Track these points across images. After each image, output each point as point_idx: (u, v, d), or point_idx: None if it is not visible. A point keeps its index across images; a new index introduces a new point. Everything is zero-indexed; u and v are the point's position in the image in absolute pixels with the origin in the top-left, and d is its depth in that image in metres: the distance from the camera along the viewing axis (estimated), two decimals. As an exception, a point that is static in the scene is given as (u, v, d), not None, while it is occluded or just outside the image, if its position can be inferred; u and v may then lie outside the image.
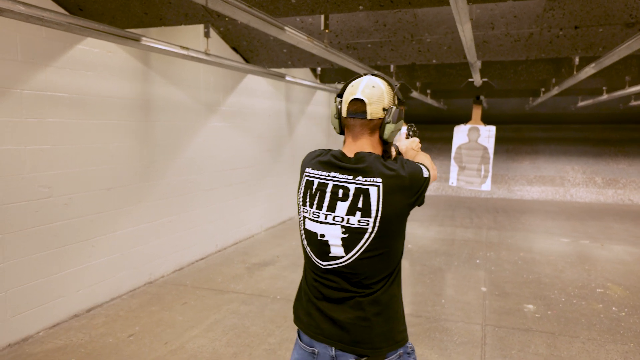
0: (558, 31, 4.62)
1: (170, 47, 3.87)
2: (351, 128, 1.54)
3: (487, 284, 4.69)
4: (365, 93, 1.49)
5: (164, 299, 4.30)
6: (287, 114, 7.35)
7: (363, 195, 1.46)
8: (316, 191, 1.53)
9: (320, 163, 1.54)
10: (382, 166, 1.48)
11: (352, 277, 1.49)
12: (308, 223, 1.55)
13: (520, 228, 7.32)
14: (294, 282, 4.71)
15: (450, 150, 6.48)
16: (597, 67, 4.73)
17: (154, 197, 4.69)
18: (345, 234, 1.48)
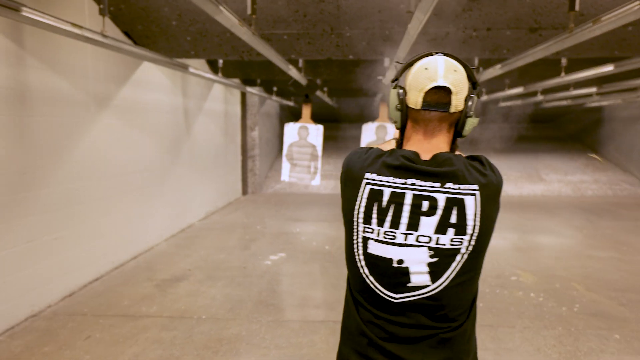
0: (472, 32, 4.78)
1: (58, 23, 3.12)
2: (424, 123, 1.22)
3: (415, 281, 4.69)
4: (449, 79, 1.18)
5: (58, 334, 3.49)
6: (185, 110, 6.67)
7: (457, 208, 1.16)
8: (389, 204, 1.19)
9: (389, 167, 1.20)
10: (474, 170, 1.19)
11: (436, 310, 1.19)
12: (374, 246, 1.21)
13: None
14: (216, 298, 4.21)
15: (349, 148, 6.58)
16: (504, 68, 5.01)
17: (33, 211, 3.79)
18: (433, 258, 1.17)
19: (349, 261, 1.28)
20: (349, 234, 1.26)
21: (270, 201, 9.37)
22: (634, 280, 4.77)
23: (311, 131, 6.46)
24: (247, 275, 4.84)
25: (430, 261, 1.18)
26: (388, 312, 1.22)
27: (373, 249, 1.21)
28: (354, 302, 1.29)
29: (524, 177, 11.31)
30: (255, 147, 9.55)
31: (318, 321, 3.74)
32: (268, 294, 4.32)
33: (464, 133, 1.25)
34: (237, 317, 3.82)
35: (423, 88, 1.19)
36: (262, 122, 10.02)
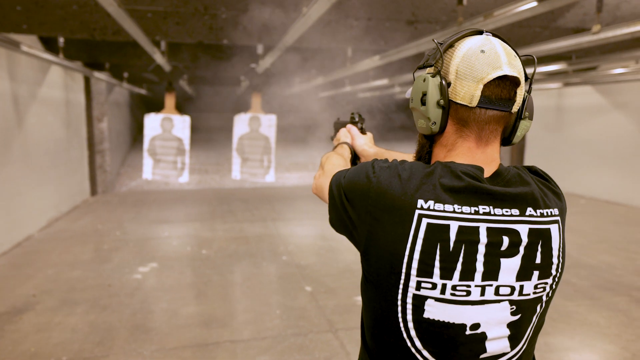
0: (354, 21, 4.64)
1: None
2: (478, 126, 0.90)
3: (307, 281, 4.45)
4: (514, 67, 0.88)
5: None
6: (14, 98, 5.42)
7: (542, 242, 0.87)
8: (458, 245, 0.84)
9: (451, 189, 0.85)
10: (546, 188, 0.92)
11: None
12: (435, 308, 0.86)
13: (302, 216, 7.40)
14: (77, 330, 3.43)
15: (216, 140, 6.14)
16: (382, 60, 5.01)
17: None
18: (515, 315, 0.87)
19: (382, 328, 0.91)
20: (385, 290, 0.89)
21: (127, 201, 8.30)
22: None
23: (176, 123, 5.88)
24: (114, 294, 4.09)
25: (512, 320, 0.88)
26: None
27: (433, 312, 0.86)
28: None
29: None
30: (105, 140, 8.35)
31: (212, 343, 3.27)
32: (145, 316, 3.68)
33: (515, 140, 0.96)
34: (110, 353, 3.14)
35: (483, 78, 0.86)
36: (112, 112, 8.81)
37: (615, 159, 8.58)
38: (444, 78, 0.90)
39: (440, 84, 0.90)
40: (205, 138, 11.37)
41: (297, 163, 11.05)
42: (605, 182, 8.80)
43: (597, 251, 5.49)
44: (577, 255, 5.28)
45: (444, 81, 0.90)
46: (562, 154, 9.88)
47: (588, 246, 5.69)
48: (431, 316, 0.86)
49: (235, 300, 4.06)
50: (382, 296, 0.89)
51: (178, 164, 5.99)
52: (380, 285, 0.89)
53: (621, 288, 4.31)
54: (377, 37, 4.91)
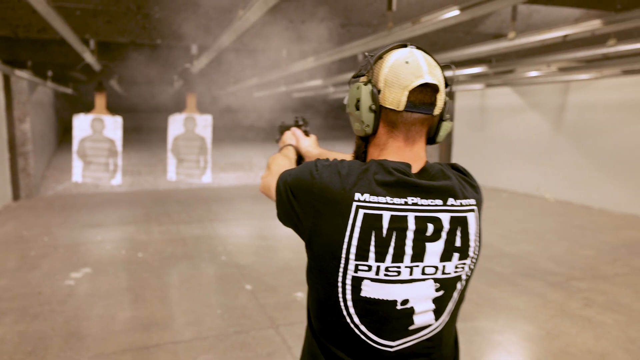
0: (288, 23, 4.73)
1: None
2: (405, 127, 1.03)
3: (247, 280, 4.50)
4: (435, 75, 1.01)
5: None
6: None
7: (461, 228, 1.01)
8: (389, 232, 0.97)
9: (383, 184, 0.98)
10: (465, 181, 1.06)
11: (433, 352, 1.04)
12: (370, 287, 0.98)
13: (240, 216, 7.39)
14: (6, 341, 3.29)
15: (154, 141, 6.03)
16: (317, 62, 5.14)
17: None
18: (439, 291, 1.01)
19: (326, 309, 1.02)
20: (327, 275, 1.00)
21: (55, 206, 7.89)
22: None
23: (107, 123, 5.71)
24: (45, 302, 3.94)
25: (436, 295, 1.01)
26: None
27: (370, 290, 0.98)
28: (328, 357, 1.04)
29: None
30: (27, 142, 7.88)
31: (153, 345, 3.25)
32: (79, 323, 3.58)
33: (439, 139, 1.10)
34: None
35: (408, 85, 0.99)
36: (35, 113, 8.32)
37: (532, 155, 9.30)
38: (374, 86, 1.03)
39: (372, 91, 1.02)
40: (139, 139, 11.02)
41: (234, 163, 10.99)
42: (524, 176, 9.51)
43: (517, 241, 5.95)
44: (499, 246, 5.70)
45: (374, 89, 1.02)
46: (485, 151, 10.55)
47: (510, 237, 6.16)
48: (367, 295, 0.99)
49: (174, 302, 4.04)
50: (324, 280, 1.00)
51: (110, 165, 5.81)
52: (323, 270, 1.01)
53: (538, 273, 4.72)
54: (312, 39, 5.04)
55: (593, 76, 6.82)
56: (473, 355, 3.19)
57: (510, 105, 9.80)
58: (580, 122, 8.33)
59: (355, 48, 4.34)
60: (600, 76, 6.77)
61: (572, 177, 8.48)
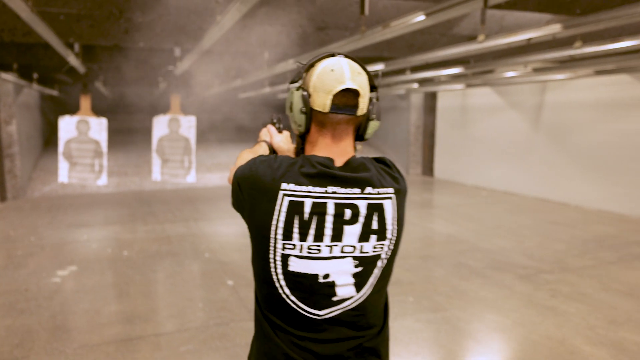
0: (267, 27, 4.90)
1: None
2: (332, 126, 1.19)
3: (229, 276, 4.65)
4: (356, 81, 1.17)
5: None
6: None
7: (378, 213, 1.18)
8: (311, 216, 1.13)
9: (307, 175, 1.14)
10: (386, 173, 1.23)
11: (360, 320, 1.21)
12: (296, 263, 1.15)
13: (225, 215, 7.52)
14: None
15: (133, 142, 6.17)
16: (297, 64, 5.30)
17: None
18: (358, 268, 1.17)
19: (263, 282, 1.18)
20: (262, 252, 1.16)
21: (41, 207, 7.97)
22: (411, 248, 5.62)
23: (93, 125, 5.83)
24: (31, 298, 4.06)
25: (355, 271, 1.17)
26: (312, 331, 1.18)
27: (295, 266, 1.15)
28: (270, 325, 1.20)
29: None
30: (14, 144, 7.95)
31: (136, 337, 3.40)
32: (65, 317, 3.71)
33: (366, 136, 1.26)
34: (30, 353, 3.18)
35: (331, 90, 1.15)
36: (21, 115, 8.39)
37: (511, 153, 9.55)
38: (306, 91, 1.19)
39: (302, 95, 1.19)
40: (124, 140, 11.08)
41: (220, 164, 11.11)
42: (503, 174, 9.76)
43: (492, 236, 6.17)
44: (474, 241, 5.91)
45: (305, 93, 1.19)
46: (466, 150, 10.79)
47: (484, 232, 6.37)
48: (294, 269, 1.15)
49: (158, 297, 4.18)
50: (260, 257, 1.18)
51: (96, 166, 5.93)
52: (259, 249, 1.18)
53: (509, 267, 4.93)
54: (291, 41, 5.20)
55: (568, 76, 7.06)
56: (442, 343, 3.38)
57: (490, 105, 10.04)
58: (557, 121, 8.59)
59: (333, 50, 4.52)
60: (575, 76, 7.00)
61: (549, 175, 8.74)
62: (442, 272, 4.81)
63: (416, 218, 7.28)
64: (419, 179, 11.90)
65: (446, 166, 11.66)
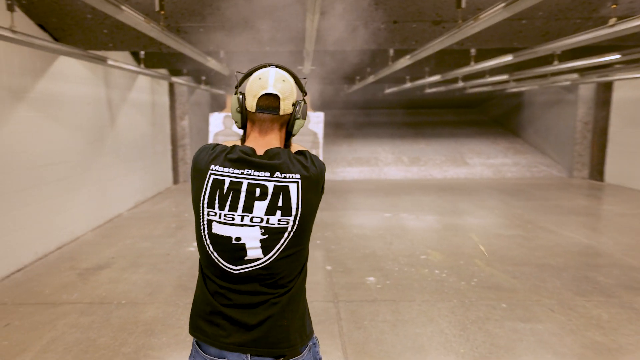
0: (380, 24, 5.08)
1: None
2: (259, 123, 1.48)
3: (330, 262, 5.01)
4: (277, 88, 1.44)
5: (-24, 324, 3.57)
6: (108, 101, 6.63)
7: (283, 193, 1.41)
8: (228, 191, 1.42)
9: (230, 160, 1.43)
10: (297, 162, 1.46)
11: (268, 279, 1.45)
12: (216, 227, 1.43)
13: (349, 207, 7.97)
14: (136, 284, 4.35)
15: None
16: (412, 59, 5.37)
17: (-53, 204, 3.81)
18: (264, 235, 1.42)
19: (198, 240, 1.49)
20: (197, 217, 1.48)
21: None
22: (530, 255, 5.26)
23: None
24: (170, 261, 4.99)
25: (262, 238, 1.42)
26: (230, 282, 1.46)
27: (216, 229, 1.43)
28: (203, 275, 1.52)
29: (449, 161, 11.94)
30: (186, 136, 9.56)
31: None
32: (188, 279, 4.50)
33: (293, 132, 1.52)
34: (155, 301, 3.99)
35: (256, 94, 1.44)
36: (193, 112, 10.02)
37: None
38: (242, 94, 1.49)
39: (238, 98, 1.49)
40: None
41: (360, 158, 11.55)
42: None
43: None
44: (618, 256, 5.20)
45: (241, 96, 1.49)
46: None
47: (637, 247, 5.54)
48: (215, 231, 1.43)
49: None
50: (196, 220, 1.49)
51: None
52: (195, 216, 1.50)
53: (641, 286, 4.28)
54: (406, 37, 5.27)
55: None
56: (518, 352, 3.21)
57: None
58: None
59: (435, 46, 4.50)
60: None
61: None
62: (556, 284, 4.42)
63: (555, 225, 6.65)
64: (583, 182, 10.62)
65: (621, 169, 10.10)
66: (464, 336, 3.41)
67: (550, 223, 6.75)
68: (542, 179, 11.19)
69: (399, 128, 12.27)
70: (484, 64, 6.23)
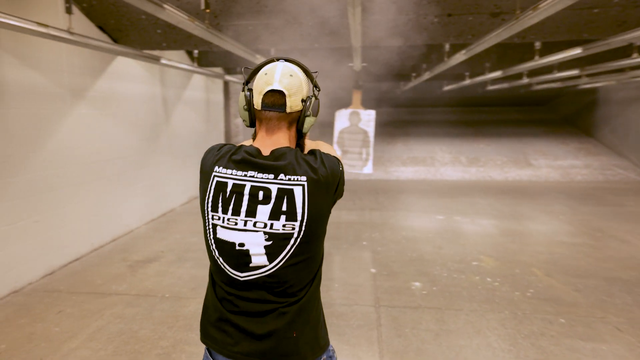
0: (433, 18, 4.85)
1: (24, 23, 3.29)
2: (266, 121, 1.38)
3: (375, 264, 4.85)
4: (283, 83, 1.34)
5: (34, 309, 3.78)
6: (163, 99, 6.84)
7: (287, 197, 1.31)
8: (231, 194, 1.34)
9: (234, 161, 1.35)
10: (305, 163, 1.35)
11: (276, 287, 1.36)
12: (221, 231, 1.36)
13: (400, 207, 7.74)
14: (181, 278, 4.43)
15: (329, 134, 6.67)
16: (468, 54, 5.09)
17: (12, 196, 4.06)
18: (268, 241, 1.32)
19: (206, 245, 1.43)
20: (203, 221, 1.42)
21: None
22: (597, 266, 4.83)
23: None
24: (216, 258, 5.04)
25: (266, 244, 1.33)
26: (237, 289, 1.38)
27: (220, 234, 1.36)
28: (212, 281, 1.46)
29: (511, 162, 11.30)
30: (239, 133, 9.71)
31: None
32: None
33: (304, 130, 1.41)
34: (197, 296, 4.03)
35: (262, 91, 1.35)
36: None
37: None
38: (250, 91, 1.40)
39: (245, 95, 1.41)
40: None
41: (416, 157, 11.20)
42: None
43: None
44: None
45: (249, 93, 1.40)
46: None
47: None
48: (220, 236, 1.36)
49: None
50: (203, 224, 1.42)
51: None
52: (203, 220, 1.43)
53: None
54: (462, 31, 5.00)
55: None
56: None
57: None
58: None
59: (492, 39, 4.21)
60: None
61: None
62: (626, 300, 4.01)
63: (629, 234, 6.08)
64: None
65: None
66: (514, 352, 3.16)
67: (623, 232, 6.19)
68: (617, 182, 10.33)
69: (458, 127, 11.77)
70: (550, 58, 5.80)
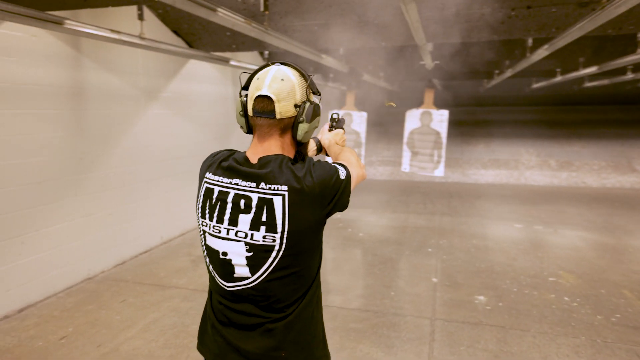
0: (510, 11, 4.47)
1: (98, 30, 3.50)
2: (258, 128, 1.32)
3: (438, 274, 4.58)
4: (272, 88, 1.27)
5: (101, 296, 4.04)
6: (234, 100, 7.03)
7: (267, 207, 1.24)
8: (217, 201, 1.30)
9: (222, 168, 1.31)
10: (289, 171, 1.26)
11: (261, 300, 1.30)
12: (209, 239, 1.33)
13: (474, 213, 7.28)
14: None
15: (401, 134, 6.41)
16: (550, 49, 4.63)
17: (90, 189, 4.40)
18: (249, 252, 1.26)
19: (202, 251, 1.43)
20: (198, 228, 1.41)
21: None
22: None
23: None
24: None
25: (248, 255, 1.27)
26: (227, 299, 1.35)
27: (208, 241, 1.34)
28: (209, 289, 1.44)
29: (611, 167, 10.12)
30: (313, 132, 9.72)
31: (335, 307, 3.81)
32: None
33: (298, 138, 1.33)
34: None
35: (252, 96, 1.30)
36: (321, 108, 10.11)
37: None
38: (246, 97, 1.35)
39: (240, 100, 1.36)
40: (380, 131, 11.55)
41: (497, 160, 10.46)
42: None
43: None
44: None
45: (245, 99, 1.35)
46: None
47: None
48: (208, 243, 1.34)
49: (361, 276, 4.52)
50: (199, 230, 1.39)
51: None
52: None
53: None
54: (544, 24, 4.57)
55: None
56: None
57: None
58: None
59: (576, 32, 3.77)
60: None
61: None
62: None
63: None
64: None
65: None
66: (584, 385, 2.80)
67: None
68: None
69: (548, 127, 10.81)
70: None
